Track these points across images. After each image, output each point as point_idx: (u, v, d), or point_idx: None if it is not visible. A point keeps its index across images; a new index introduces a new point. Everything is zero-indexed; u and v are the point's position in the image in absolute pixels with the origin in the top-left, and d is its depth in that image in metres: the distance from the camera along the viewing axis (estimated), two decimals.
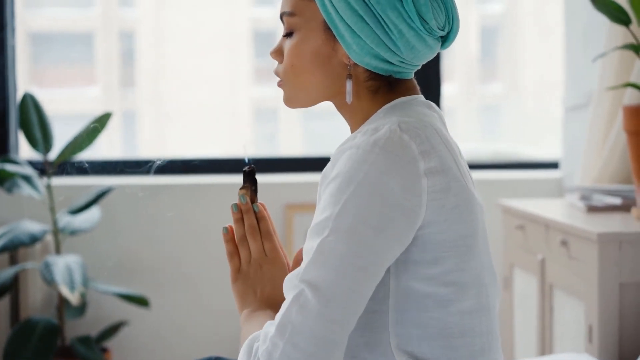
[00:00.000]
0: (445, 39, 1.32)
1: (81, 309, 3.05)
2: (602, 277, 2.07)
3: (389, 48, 1.26)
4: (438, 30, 1.28)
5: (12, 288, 2.98)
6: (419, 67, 1.33)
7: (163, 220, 3.26)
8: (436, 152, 1.22)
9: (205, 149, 5.88)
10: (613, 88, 2.46)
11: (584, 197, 2.53)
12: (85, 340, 2.96)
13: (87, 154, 3.10)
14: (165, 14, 6.37)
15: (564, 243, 2.26)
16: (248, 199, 1.37)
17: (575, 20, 3.23)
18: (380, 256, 1.16)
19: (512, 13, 6.55)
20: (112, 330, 3.08)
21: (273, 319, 1.28)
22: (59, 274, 2.76)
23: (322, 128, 5.95)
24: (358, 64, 1.29)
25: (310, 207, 3.23)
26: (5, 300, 3.05)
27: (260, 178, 3.52)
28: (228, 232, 1.37)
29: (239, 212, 1.37)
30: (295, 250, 3.25)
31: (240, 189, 1.38)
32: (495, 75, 6.53)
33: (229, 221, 1.41)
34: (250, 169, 1.38)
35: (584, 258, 2.16)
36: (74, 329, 3.20)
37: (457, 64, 6.16)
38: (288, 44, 1.33)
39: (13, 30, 3.36)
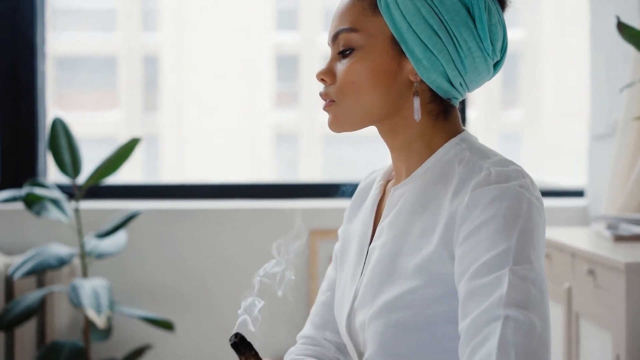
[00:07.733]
0: (495, 66, 1.31)
1: (107, 332, 3.07)
2: (630, 307, 2.07)
3: (456, 67, 1.25)
4: (498, 55, 1.29)
5: (39, 311, 3.01)
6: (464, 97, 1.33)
7: (188, 245, 3.28)
8: None
9: (226, 173, 5.91)
10: (639, 118, 2.47)
11: (610, 226, 2.53)
12: None
13: (111, 178, 3.13)
14: (188, 38, 6.42)
15: (590, 272, 2.26)
16: None
17: (600, 48, 3.24)
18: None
19: (533, 39, 6.55)
20: (137, 353, 3.09)
21: None
22: (86, 297, 2.78)
23: (342, 154, 5.97)
24: (425, 81, 1.26)
25: (334, 234, 3.24)
26: (32, 323, 3.07)
27: (284, 204, 3.50)
28: None
29: None
30: (319, 273, 3.25)
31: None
32: (516, 101, 6.53)
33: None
34: (237, 339, 1.21)
35: (611, 287, 2.16)
36: (99, 352, 3.22)
37: (478, 90, 6.16)
38: (346, 62, 1.27)
39: (44, 56, 3.40)
